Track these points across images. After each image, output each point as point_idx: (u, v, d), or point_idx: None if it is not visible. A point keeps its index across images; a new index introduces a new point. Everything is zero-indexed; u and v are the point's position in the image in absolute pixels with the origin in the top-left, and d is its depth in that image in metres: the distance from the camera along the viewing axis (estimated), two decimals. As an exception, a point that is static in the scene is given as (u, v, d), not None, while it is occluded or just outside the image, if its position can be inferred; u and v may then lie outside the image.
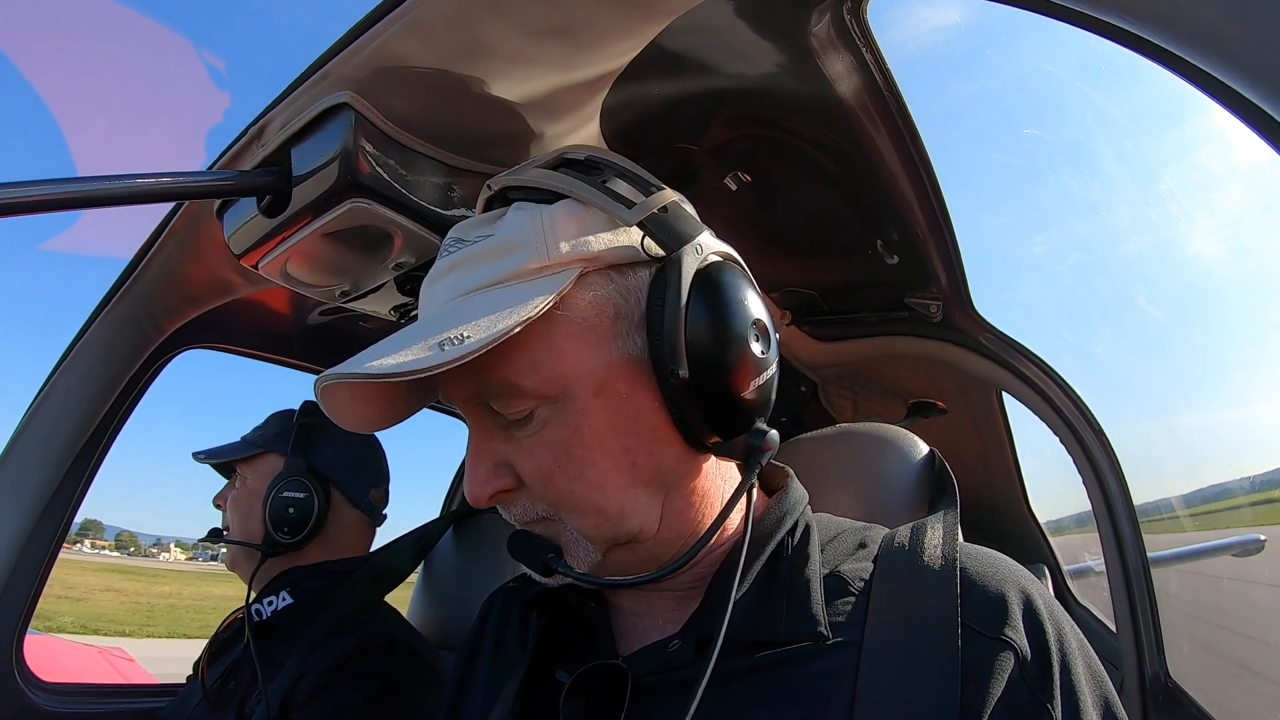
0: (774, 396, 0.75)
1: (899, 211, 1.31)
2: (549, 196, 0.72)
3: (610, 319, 0.69)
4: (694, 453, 0.73)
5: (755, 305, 0.72)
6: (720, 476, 0.77)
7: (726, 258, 0.74)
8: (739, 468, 0.76)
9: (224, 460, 1.62)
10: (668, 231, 0.70)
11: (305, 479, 1.54)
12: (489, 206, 0.78)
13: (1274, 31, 0.50)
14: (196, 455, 1.64)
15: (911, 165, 1.20)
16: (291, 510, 1.51)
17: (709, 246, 0.73)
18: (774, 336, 0.74)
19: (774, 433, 0.72)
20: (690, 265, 0.70)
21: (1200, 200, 1.93)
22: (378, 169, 0.98)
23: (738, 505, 0.73)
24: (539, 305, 0.63)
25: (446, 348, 0.61)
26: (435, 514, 2.09)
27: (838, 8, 0.93)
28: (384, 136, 0.99)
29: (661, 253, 0.70)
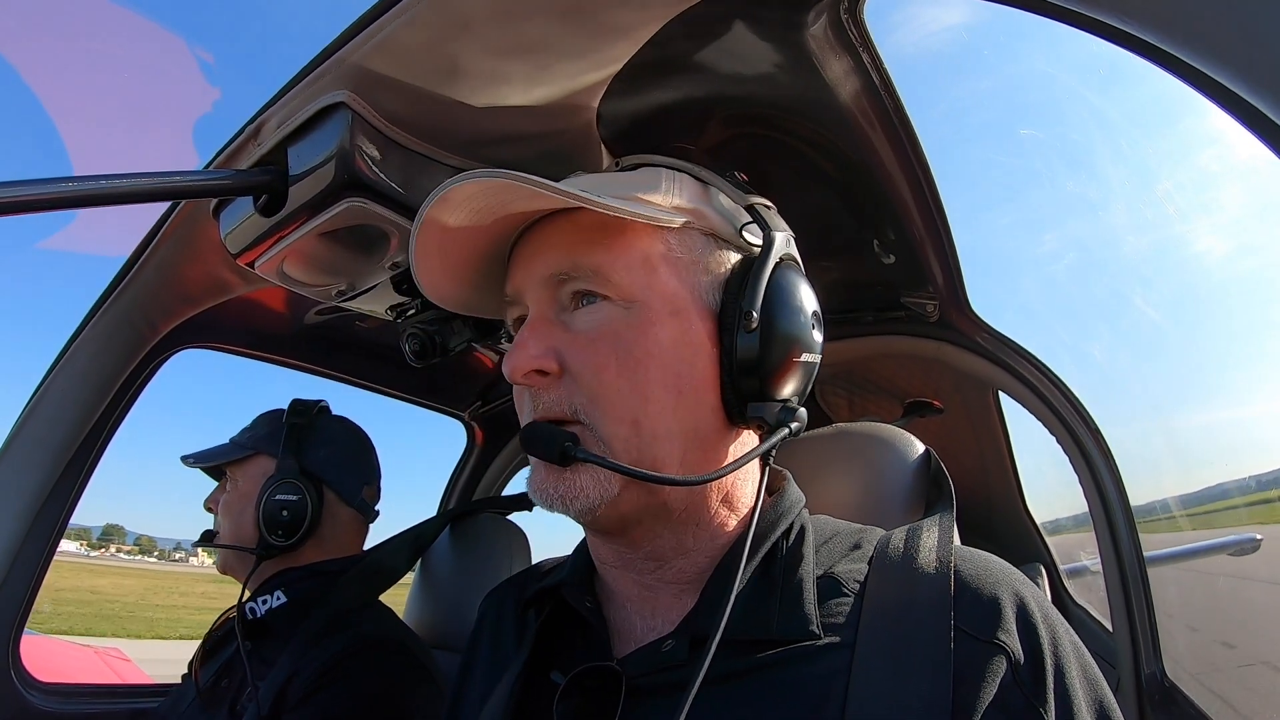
0: (809, 387, 0.81)
1: (896, 211, 1.31)
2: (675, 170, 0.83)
3: (701, 269, 0.77)
4: (727, 419, 0.77)
5: (815, 302, 0.82)
6: (736, 456, 0.78)
7: (800, 264, 0.85)
8: (760, 438, 0.80)
9: (213, 463, 1.61)
10: (768, 219, 0.81)
11: (297, 480, 1.53)
12: None
13: (1271, 33, 0.50)
14: (185, 459, 1.62)
15: (908, 165, 1.20)
16: (285, 513, 1.50)
17: (792, 248, 0.84)
18: (822, 335, 0.82)
19: (803, 410, 0.77)
20: (780, 247, 0.80)
21: (1198, 201, 1.93)
22: (374, 168, 0.97)
23: (744, 495, 0.79)
24: (659, 216, 0.74)
25: (581, 192, 0.68)
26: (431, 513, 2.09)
27: (834, 8, 0.93)
28: (381, 136, 0.99)
29: (753, 239, 0.81)
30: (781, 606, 0.71)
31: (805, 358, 0.78)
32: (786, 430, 0.75)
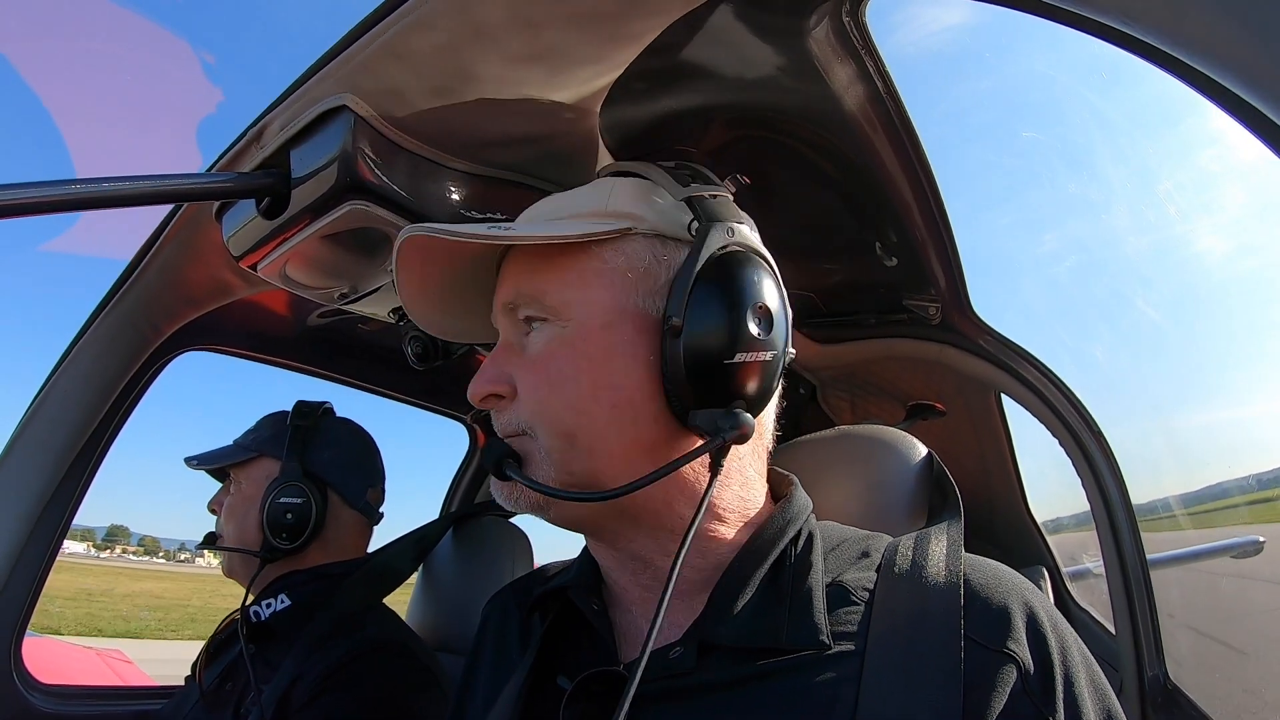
0: (768, 387, 0.76)
1: (897, 213, 1.31)
2: (627, 175, 0.84)
3: (638, 274, 0.76)
4: (676, 425, 0.74)
5: (767, 293, 0.75)
6: (698, 464, 0.75)
7: (756, 251, 0.78)
8: (699, 448, 0.73)
9: (217, 465, 1.60)
10: (707, 211, 0.77)
11: (302, 483, 1.53)
12: None
13: (1272, 34, 0.50)
14: (189, 461, 1.62)
15: (910, 167, 1.20)
16: (289, 515, 1.50)
17: (742, 237, 0.78)
18: (780, 327, 0.76)
19: (747, 416, 0.71)
20: (716, 240, 0.75)
21: (1198, 202, 1.93)
22: (377, 171, 0.98)
23: (738, 500, 0.79)
24: (575, 232, 0.74)
25: (494, 231, 0.74)
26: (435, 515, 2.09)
27: (836, 10, 0.93)
28: (383, 139, 0.99)
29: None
30: (791, 615, 0.71)
31: (744, 358, 0.72)
32: (721, 440, 0.70)
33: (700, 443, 0.72)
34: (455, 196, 1.07)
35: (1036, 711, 0.62)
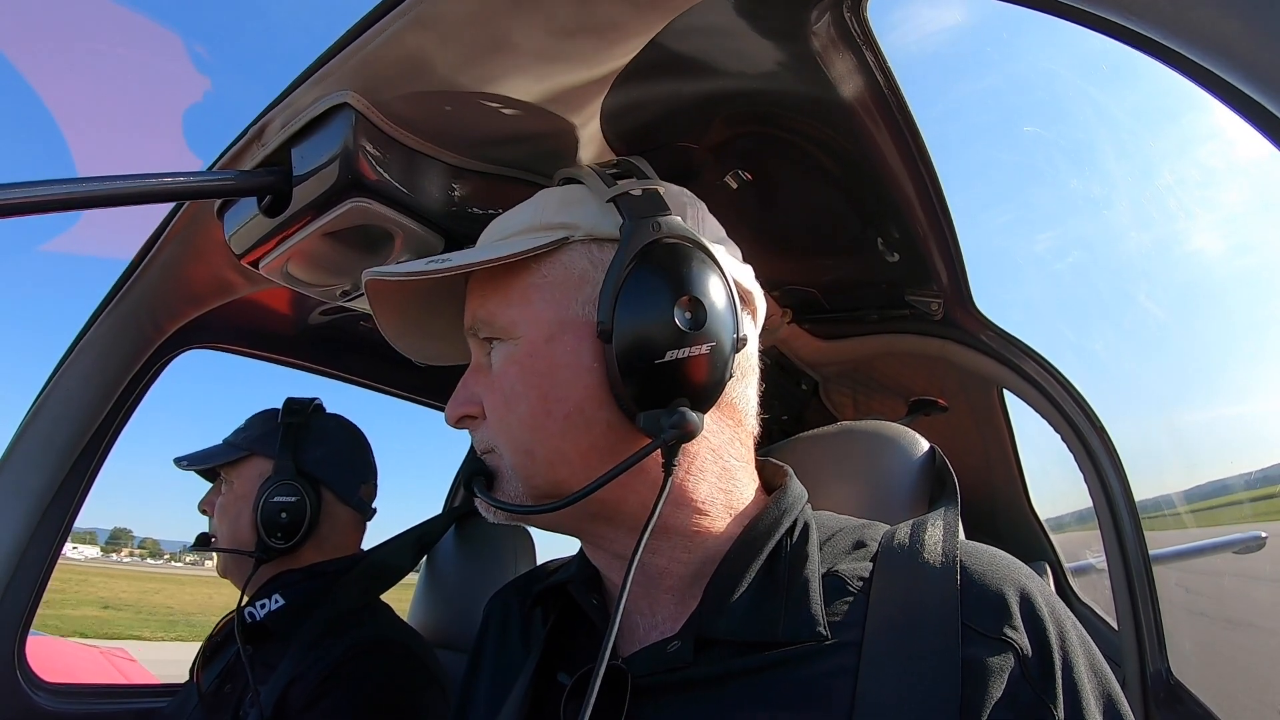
0: (714, 380, 0.72)
1: (900, 209, 1.31)
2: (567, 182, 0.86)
3: (576, 282, 0.75)
4: (629, 427, 0.73)
5: (697, 283, 0.72)
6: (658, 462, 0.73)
7: (688, 240, 0.74)
8: (637, 453, 0.71)
9: (208, 465, 1.59)
10: (631, 209, 0.75)
11: (295, 481, 1.52)
12: None
13: (1275, 27, 0.50)
14: (179, 461, 1.61)
15: (912, 163, 1.20)
16: (284, 514, 1.50)
17: (671, 228, 0.74)
18: (717, 316, 0.72)
19: (690, 414, 0.69)
20: (640, 237, 0.72)
21: (1201, 197, 1.93)
22: (378, 168, 0.98)
23: (725, 496, 0.79)
24: (508, 252, 0.74)
25: (433, 265, 0.76)
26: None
27: (838, 5, 0.93)
28: (385, 136, 0.99)
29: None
30: (787, 607, 0.71)
31: (676, 354, 0.70)
32: (659, 441, 0.69)
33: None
34: (457, 193, 1.07)
35: (1035, 698, 0.62)
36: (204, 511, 1.61)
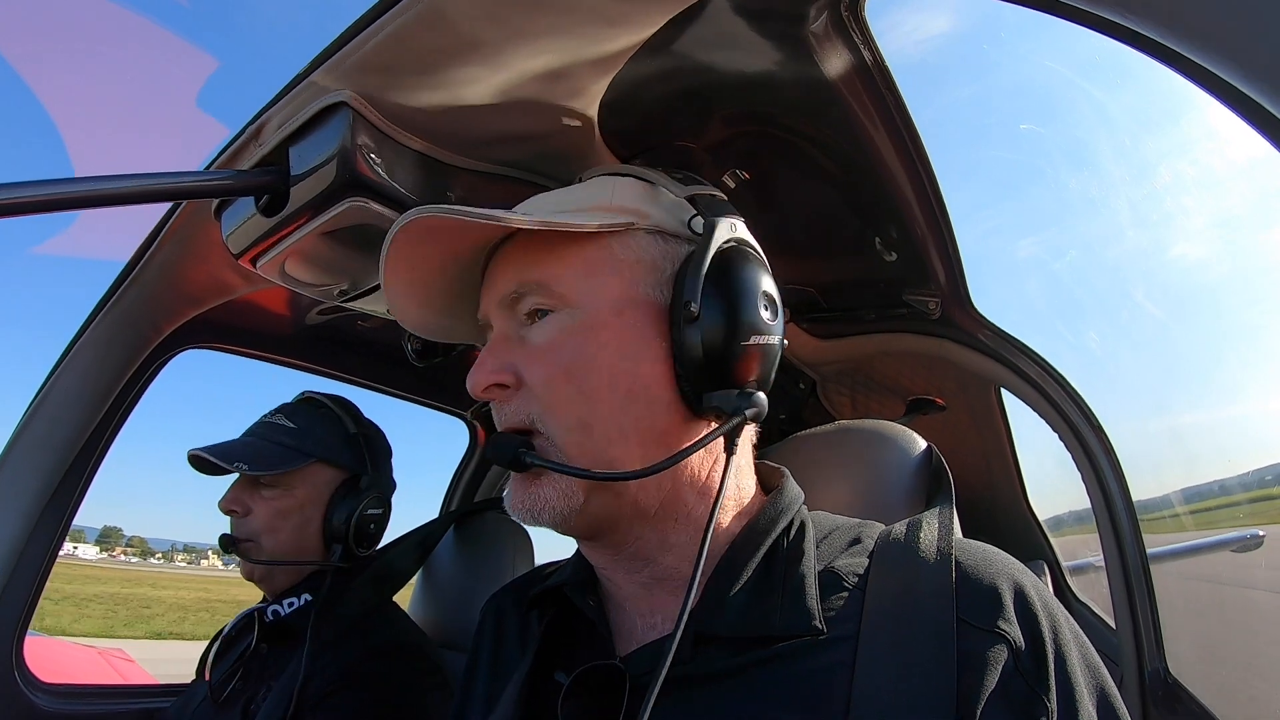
0: (771, 373, 0.79)
1: (897, 208, 1.31)
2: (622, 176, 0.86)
3: (645, 267, 0.78)
4: (686, 412, 0.76)
5: (768, 283, 0.79)
6: (704, 451, 0.78)
7: (753, 247, 0.83)
8: (720, 426, 0.76)
9: (275, 473, 1.49)
10: (709, 207, 0.81)
11: (384, 493, 1.58)
12: None
13: (1273, 26, 0.50)
14: (236, 466, 1.45)
15: (910, 162, 1.20)
16: (373, 526, 1.55)
17: (741, 232, 0.82)
18: (781, 316, 0.80)
19: (760, 395, 0.77)
20: (723, 233, 0.78)
21: (1199, 196, 1.93)
22: (376, 168, 0.98)
23: (731, 489, 0.79)
24: (590, 223, 0.75)
25: (510, 215, 0.73)
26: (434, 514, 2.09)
27: (835, 5, 0.93)
28: (382, 135, 0.99)
29: (700, 232, 0.80)
30: (783, 602, 0.71)
31: (756, 341, 0.76)
32: (741, 417, 0.74)
33: (714, 425, 0.76)
34: (454, 193, 1.07)
35: (1029, 690, 0.63)
36: (231, 512, 1.51)
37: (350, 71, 0.92)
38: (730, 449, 0.75)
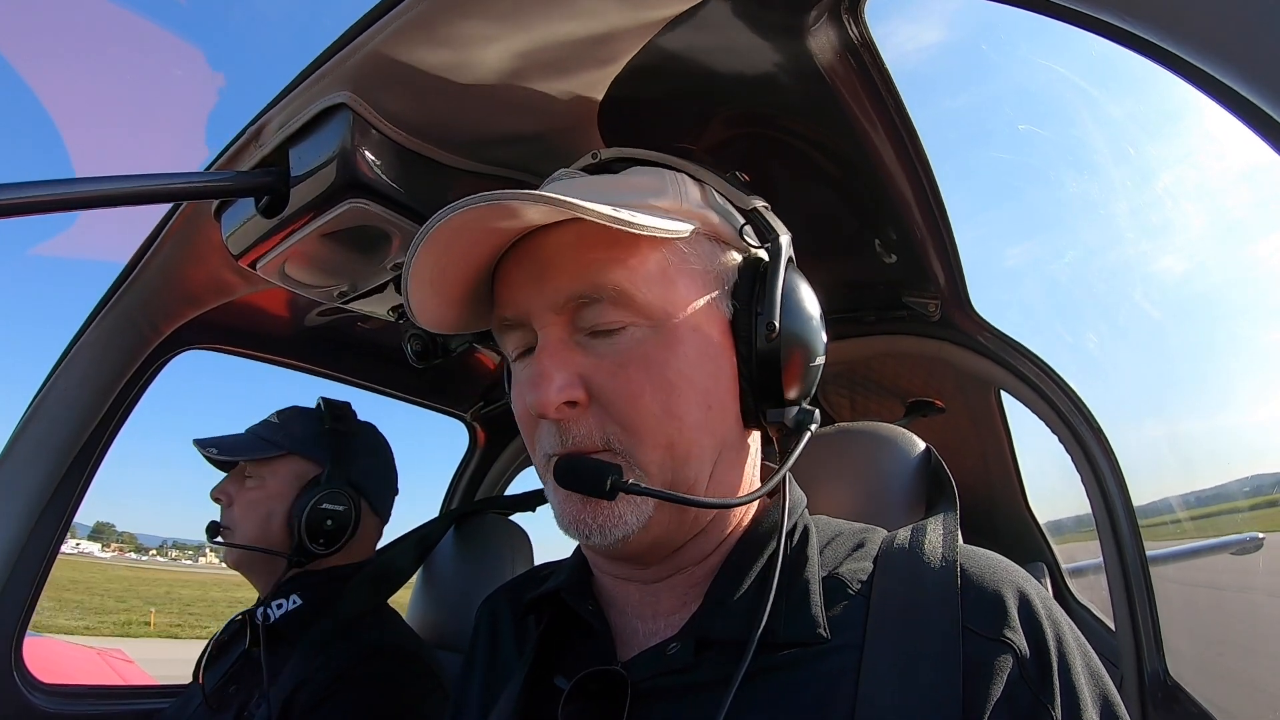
0: (815, 387, 0.81)
1: (897, 210, 1.31)
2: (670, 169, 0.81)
3: (713, 276, 0.76)
4: (745, 427, 0.78)
5: (818, 301, 0.81)
6: (756, 464, 0.81)
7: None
8: (776, 442, 0.79)
9: (243, 459, 1.55)
10: (770, 221, 0.81)
11: (346, 490, 1.53)
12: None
13: (1273, 31, 0.50)
14: (204, 448, 1.54)
15: (909, 164, 1.20)
16: (329, 522, 1.50)
17: (791, 248, 0.82)
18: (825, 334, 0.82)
19: (816, 411, 0.78)
20: (786, 249, 0.79)
21: (1198, 200, 1.93)
22: (376, 169, 0.98)
23: (752, 488, 0.80)
24: (674, 227, 0.69)
25: (592, 204, 0.62)
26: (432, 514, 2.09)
27: (835, 7, 0.93)
28: (382, 137, 0.99)
29: (753, 241, 0.80)
30: (787, 609, 0.71)
31: (818, 361, 0.78)
32: (809, 432, 0.76)
33: (775, 437, 0.78)
34: (454, 194, 1.07)
35: (1034, 698, 0.62)
36: (217, 500, 1.57)
37: (350, 73, 0.92)
38: (784, 461, 0.75)
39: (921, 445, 1.10)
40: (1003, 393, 1.98)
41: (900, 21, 1.05)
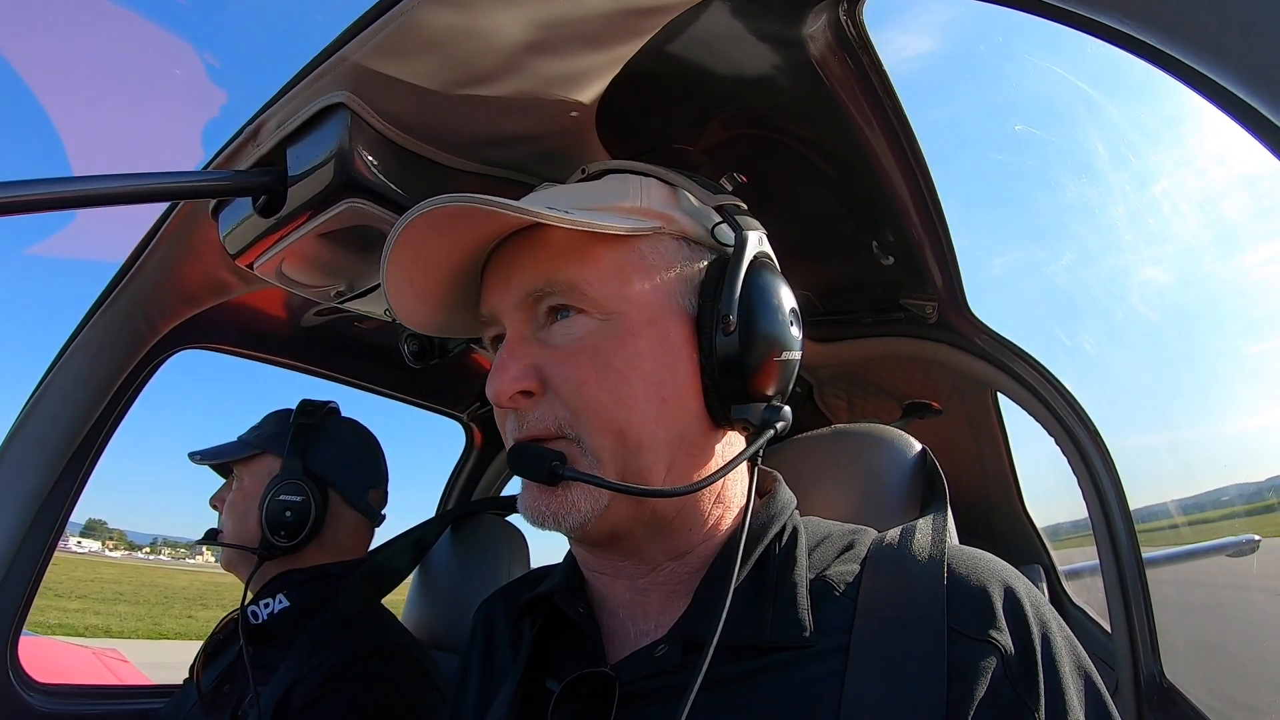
0: (790, 386, 0.80)
1: (895, 213, 1.31)
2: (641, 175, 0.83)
3: (675, 274, 0.77)
4: (710, 422, 0.77)
5: (792, 298, 0.81)
6: (720, 460, 0.78)
7: (772, 259, 0.84)
8: (746, 439, 0.79)
9: (220, 461, 1.60)
10: (737, 218, 0.81)
11: (302, 481, 1.52)
12: None
13: (1271, 34, 0.50)
14: (193, 456, 1.61)
15: (907, 166, 1.20)
16: (288, 513, 1.49)
17: (765, 244, 0.82)
18: (801, 331, 0.81)
19: (788, 409, 0.77)
20: (753, 246, 0.78)
21: (1196, 202, 1.94)
22: (374, 169, 0.97)
23: (735, 495, 0.80)
24: (627, 226, 0.74)
25: (552, 210, 0.69)
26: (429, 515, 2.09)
27: (833, 9, 0.94)
28: (380, 137, 0.99)
29: (724, 240, 0.81)
30: (775, 611, 0.71)
31: (785, 356, 0.77)
32: (772, 430, 0.75)
33: (736, 435, 0.79)
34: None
35: (1017, 698, 0.63)
36: (214, 507, 1.61)
37: (348, 73, 0.92)
38: (755, 461, 0.75)
39: (918, 447, 1.11)
40: (1000, 395, 1.98)
41: (898, 23, 1.06)
